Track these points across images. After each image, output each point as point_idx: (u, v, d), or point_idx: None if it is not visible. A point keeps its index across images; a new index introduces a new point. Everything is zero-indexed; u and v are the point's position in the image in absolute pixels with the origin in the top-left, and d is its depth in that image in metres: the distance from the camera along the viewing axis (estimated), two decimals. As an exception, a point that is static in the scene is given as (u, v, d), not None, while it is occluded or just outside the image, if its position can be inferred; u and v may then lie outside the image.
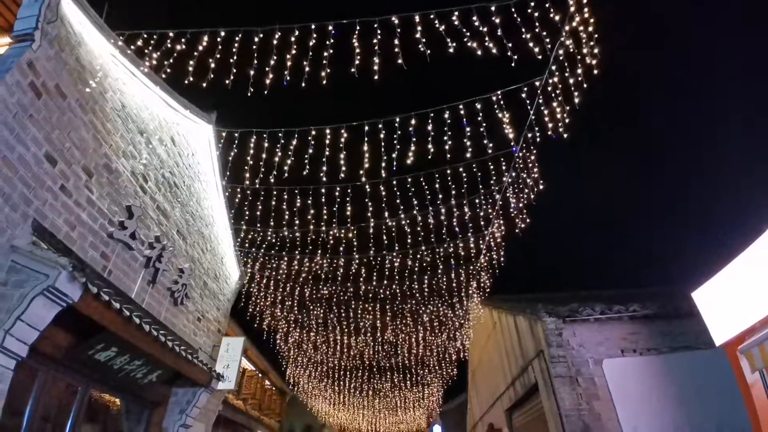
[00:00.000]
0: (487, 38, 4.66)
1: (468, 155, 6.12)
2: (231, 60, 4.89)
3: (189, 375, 6.13)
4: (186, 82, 5.06)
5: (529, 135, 5.83)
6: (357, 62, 4.89)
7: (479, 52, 4.75)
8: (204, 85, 5.03)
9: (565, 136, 5.30)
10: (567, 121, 5.34)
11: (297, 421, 23.83)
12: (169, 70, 5.10)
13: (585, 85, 4.99)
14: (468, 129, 5.52)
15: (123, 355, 4.83)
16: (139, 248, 5.33)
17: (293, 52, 4.92)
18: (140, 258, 5.37)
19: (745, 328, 4.52)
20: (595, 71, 4.89)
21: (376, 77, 4.89)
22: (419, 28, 4.68)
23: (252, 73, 4.94)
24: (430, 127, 5.63)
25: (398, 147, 5.93)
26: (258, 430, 16.55)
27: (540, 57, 4.89)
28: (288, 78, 4.97)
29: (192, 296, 6.82)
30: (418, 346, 14.78)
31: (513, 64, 4.68)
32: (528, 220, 7.34)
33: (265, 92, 4.95)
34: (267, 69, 5.00)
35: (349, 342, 14.61)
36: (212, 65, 4.94)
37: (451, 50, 4.71)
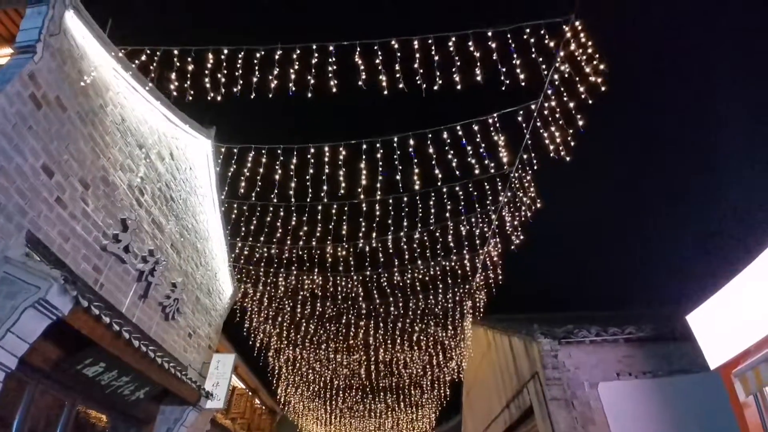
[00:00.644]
0: (484, 62, 4.78)
1: (464, 175, 6.19)
2: (232, 77, 4.97)
3: (177, 392, 6.01)
4: (186, 97, 5.13)
5: (525, 156, 5.93)
6: (358, 82, 4.99)
7: (477, 76, 4.86)
8: (204, 100, 5.10)
9: (564, 156, 5.37)
10: (563, 142, 5.44)
11: (286, 442, 23.20)
12: (170, 86, 5.17)
13: (578, 112, 5.11)
14: (466, 149, 5.60)
15: (111, 371, 4.74)
16: (132, 262, 5.29)
17: (294, 70, 5.01)
18: (133, 272, 5.33)
19: (739, 352, 4.53)
20: (590, 100, 5.01)
21: (375, 97, 4.98)
22: (418, 54, 4.79)
23: (253, 89, 5.02)
24: (428, 147, 5.70)
25: (396, 166, 6.00)
26: (246, 452, 16.09)
27: (536, 81, 5.02)
28: (291, 92, 5.04)
29: (184, 311, 6.74)
30: (411, 365, 14.60)
31: (507, 89, 4.80)
32: (522, 239, 7.37)
33: (265, 109, 5.02)
34: (268, 86, 5.08)
35: (342, 361, 14.40)
36: (214, 82, 5.02)
37: (449, 74, 4.82)
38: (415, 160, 6.04)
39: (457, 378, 15.76)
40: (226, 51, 4.90)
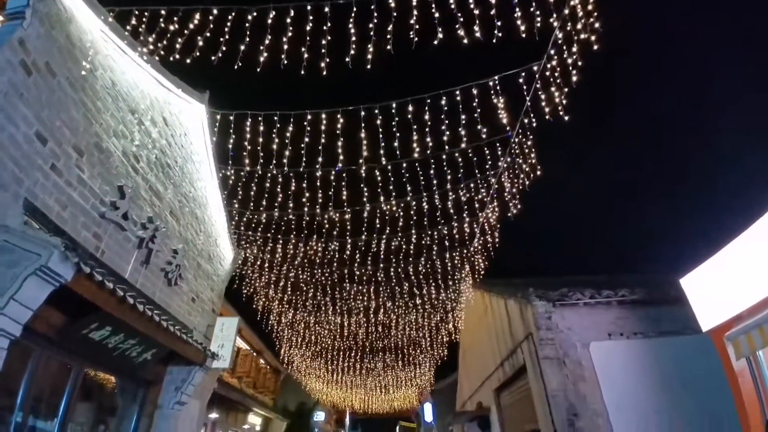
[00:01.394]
0: (485, 22, 4.59)
1: (464, 140, 6.09)
2: (224, 39, 4.78)
3: (184, 354, 6.20)
4: (178, 60, 4.96)
5: (526, 120, 5.81)
6: (353, 44, 4.81)
7: (478, 35, 4.68)
8: (197, 64, 4.94)
9: (566, 118, 5.26)
10: (564, 105, 5.32)
11: (291, 399, 24.30)
12: (160, 49, 4.99)
13: (582, 70, 4.95)
14: (464, 115, 5.49)
15: (117, 334, 4.87)
16: (132, 229, 5.30)
17: (288, 31, 4.81)
18: (133, 239, 5.36)
19: (732, 316, 4.61)
20: (595, 47, 4.81)
21: (372, 60, 4.82)
22: (416, 12, 4.59)
23: (243, 50, 4.84)
24: (426, 113, 5.58)
25: (394, 132, 5.90)
26: (253, 407, 16.88)
27: (538, 40, 4.83)
28: (283, 58, 4.87)
29: (186, 277, 6.84)
30: (410, 327, 15.01)
31: (508, 51, 4.63)
32: (520, 207, 7.38)
33: (259, 71, 4.87)
34: (261, 48, 4.90)
35: (343, 323, 14.79)
36: (206, 44, 4.83)
37: (449, 34, 4.64)
38: (414, 126, 5.95)
39: (455, 339, 16.26)
40: (215, 11, 4.69)
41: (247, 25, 4.75)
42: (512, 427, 10.57)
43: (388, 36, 4.62)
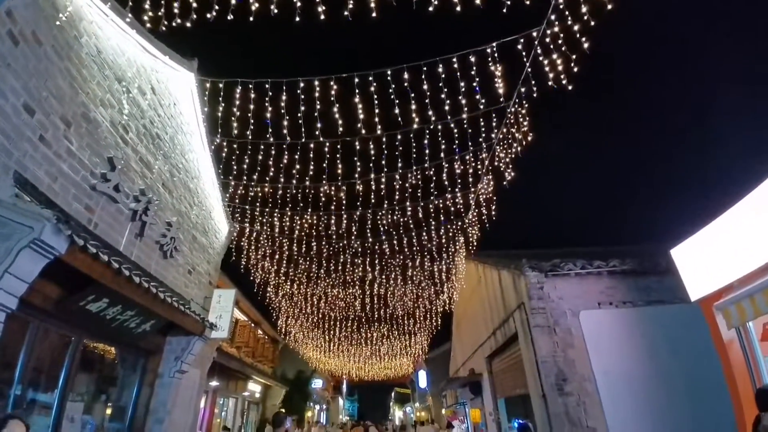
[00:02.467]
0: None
1: (464, 109, 5.99)
2: (214, 3, 4.59)
3: (182, 325, 6.29)
4: (167, 28, 4.77)
5: (523, 90, 5.71)
6: (350, 5, 4.62)
7: (477, 1, 4.52)
8: (185, 33, 4.75)
9: (567, 87, 5.16)
10: (563, 74, 5.21)
11: (289, 368, 24.93)
12: (147, 13, 4.78)
13: (584, 37, 4.82)
14: (463, 82, 5.36)
15: (115, 306, 4.90)
16: (124, 201, 5.25)
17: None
18: (126, 211, 5.31)
19: (722, 286, 4.70)
20: (593, 21, 4.70)
21: (368, 21, 4.65)
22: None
23: (232, 9, 4.66)
24: (423, 81, 5.46)
25: (389, 101, 5.79)
26: (252, 376, 17.32)
27: (538, 4, 4.68)
28: (273, 14, 4.70)
29: (181, 249, 6.84)
30: (405, 298, 15.26)
31: (508, 14, 4.47)
32: (514, 176, 7.35)
33: (250, 42, 4.69)
34: (251, 12, 4.72)
35: (338, 294, 15.00)
36: (195, 5, 4.64)
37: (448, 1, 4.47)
38: (411, 95, 5.82)
39: (449, 309, 16.59)
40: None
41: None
42: (503, 391, 10.97)
43: None
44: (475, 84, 5.29)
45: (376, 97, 5.87)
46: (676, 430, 6.28)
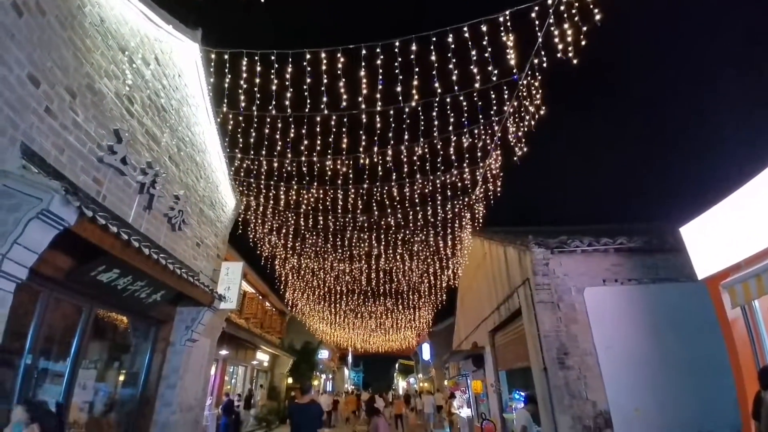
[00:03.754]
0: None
1: (475, 80, 5.82)
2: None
3: (192, 295, 6.41)
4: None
5: (536, 61, 5.51)
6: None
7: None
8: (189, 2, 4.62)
9: (574, 60, 4.98)
10: (576, 45, 5.02)
11: (296, 339, 25.55)
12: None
13: (599, 7, 4.61)
14: (474, 52, 5.17)
15: (125, 276, 4.98)
16: (132, 174, 5.25)
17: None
18: (134, 184, 5.32)
19: (730, 265, 4.65)
20: None
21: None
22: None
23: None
24: (432, 52, 5.30)
25: (397, 73, 5.64)
26: (260, 345, 17.80)
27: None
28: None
29: (189, 222, 6.90)
30: (410, 273, 15.39)
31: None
32: (525, 150, 7.21)
33: (256, 13, 4.56)
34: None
35: (345, 268, 15.15)
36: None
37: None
38: (417, 69, 5.67)
39: (453, 285, 16.73)
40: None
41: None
42: (504, 364, 11.17)
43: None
44: (486, 54, 5.11)
45: (382, 69, 5.72)
46: (677, 404, 6.37)
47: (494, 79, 5.51)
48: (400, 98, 6.13)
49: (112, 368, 6.02)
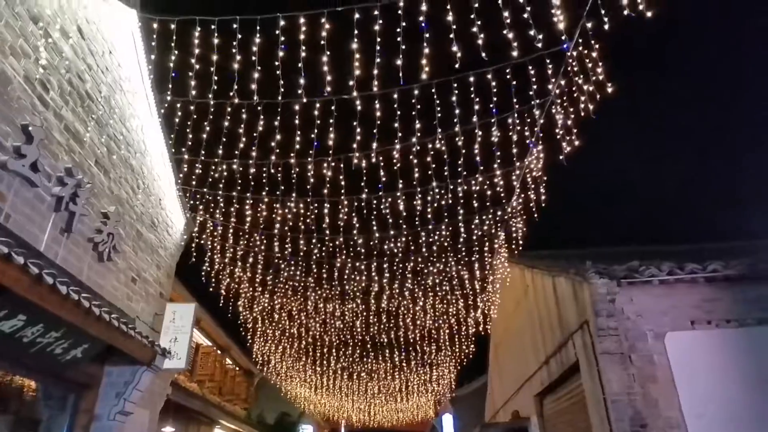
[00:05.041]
0: None
1: (498, 57, 5.88)
2: None
3: (125, 350, 6.34)
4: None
5: (589, 25, 5.55)
6: None
7: None
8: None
9: (647, 13, 4.98)
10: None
11: (269, 409, 25.22)
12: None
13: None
14: (504, 15, 5.21)
15: (35, 324, 4.93)
16: (45, 185, 5.26)
17: None
18: (48, 198, 5.33)
19: None
20: None
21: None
22: None
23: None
24: (449, 12, 5.36)
25: (402, 46, 5.70)
26: (220, 419, 17.55)
27: None
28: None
29: (122, 250, 6.88)
30: (425, 316, 15.26)
31: None
32: (576, 145, 7.21)
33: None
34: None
35: (335, 311, 15.04)
36: None
37: None
38: (426, 35, 5.73)
39: (484, 331, 16.57)
40: None
41: None
42: (559, 442, 10.95)
43: None
44: (525, 15, 5.15)
45: (380, 38, 5.79)
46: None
47: (537, 48, 5.54)
48: (402, 77, 6.18)
49: (14, 453, 5.90)
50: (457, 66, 5.92)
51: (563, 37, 5.67)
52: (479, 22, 5.41)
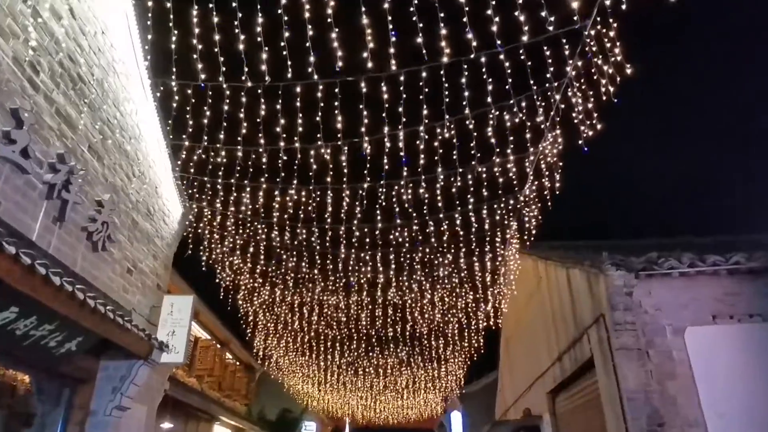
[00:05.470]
0: None
1: (512, 36, 5.81)
2: None
3: (121, 344, 6.39)
4: None
5: (608, 2, 5.47)
6: None
7: None
8: None
9: None
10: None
11: (270, 405, 25.38)
12: None
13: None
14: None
15: (27, 317, 4.97)
16: (37, 171, 5.27)
17: None
18: (39, 185, 5.34)
19: None
20: None
21: None
22: None
23: None
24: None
25: (415, 23, 5.65)
26: (219, 416, 17.70)
27: None
28: None
29: (117, 239, 6.90)
30: (433, 309, 15.27)
31: None
32: (595, 129, 7.15)
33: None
34: None
35: (339, 303, 15.07)
36: None
37: None
38: (442, 15, 5.68)
39: (495, 325, 16.58)
40: None
41: None
42: (572, 440, 10.98)
43: None
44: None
45: (392, 17, 5.74)
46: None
47: (551, 28, 5.46)
48: (417, 57, 6.12)
49: (7, 449, 5.98)
50: (474, 44, 5.89)
51: (577, 17, 5.61)
52: (493, 2, 5.37)
